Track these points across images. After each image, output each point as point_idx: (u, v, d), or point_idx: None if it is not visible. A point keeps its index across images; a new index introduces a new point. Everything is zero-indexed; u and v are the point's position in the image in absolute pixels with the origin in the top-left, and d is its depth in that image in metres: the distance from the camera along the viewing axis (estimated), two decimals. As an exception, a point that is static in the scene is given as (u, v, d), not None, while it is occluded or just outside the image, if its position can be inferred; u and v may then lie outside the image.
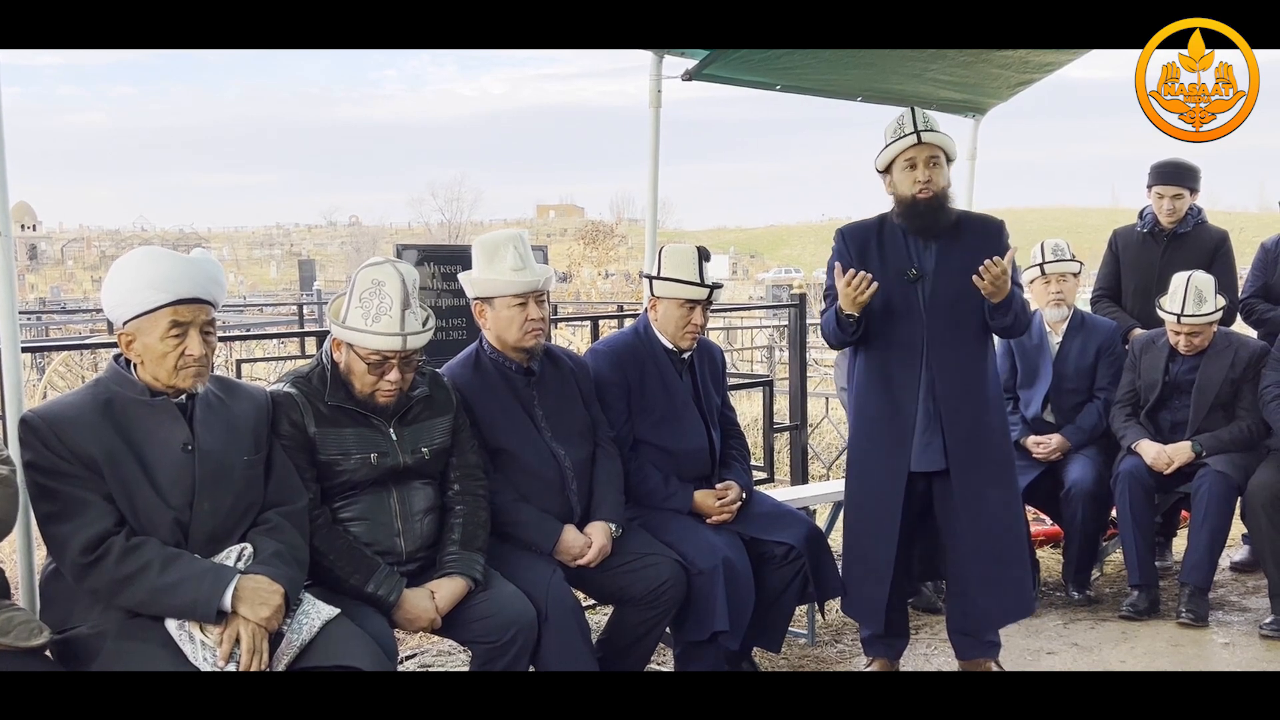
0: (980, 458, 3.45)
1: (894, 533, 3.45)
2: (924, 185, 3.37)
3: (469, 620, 2.82)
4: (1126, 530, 4.35)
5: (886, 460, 3.47)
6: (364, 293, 2.76)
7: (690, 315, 3.45)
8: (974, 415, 3.44)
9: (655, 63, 4.37)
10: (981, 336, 3.48)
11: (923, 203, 3.39)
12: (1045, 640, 4.11)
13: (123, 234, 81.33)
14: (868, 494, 3.54)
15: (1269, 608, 4.21)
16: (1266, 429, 4.30)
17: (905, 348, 3.43)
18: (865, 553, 3.52)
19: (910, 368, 3.42)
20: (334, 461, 2.78)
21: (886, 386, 3.47)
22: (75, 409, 2.40)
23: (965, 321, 3.42)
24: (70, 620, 2.39)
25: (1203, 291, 4.32)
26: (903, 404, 3.43)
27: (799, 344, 5.47)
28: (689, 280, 3.41)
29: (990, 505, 3.45)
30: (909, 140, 3.38)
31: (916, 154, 3.38)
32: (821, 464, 7.34)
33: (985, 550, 3.45)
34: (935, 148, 3.39)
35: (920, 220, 3.41)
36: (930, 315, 3.41)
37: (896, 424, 3.45)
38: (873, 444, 3.52)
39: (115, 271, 2.48)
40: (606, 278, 42.17)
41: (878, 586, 3.49)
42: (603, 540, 3.15)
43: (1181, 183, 4.85)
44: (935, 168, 3.38)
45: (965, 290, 3.33)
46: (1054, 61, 5.14)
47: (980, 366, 3.48)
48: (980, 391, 3.46)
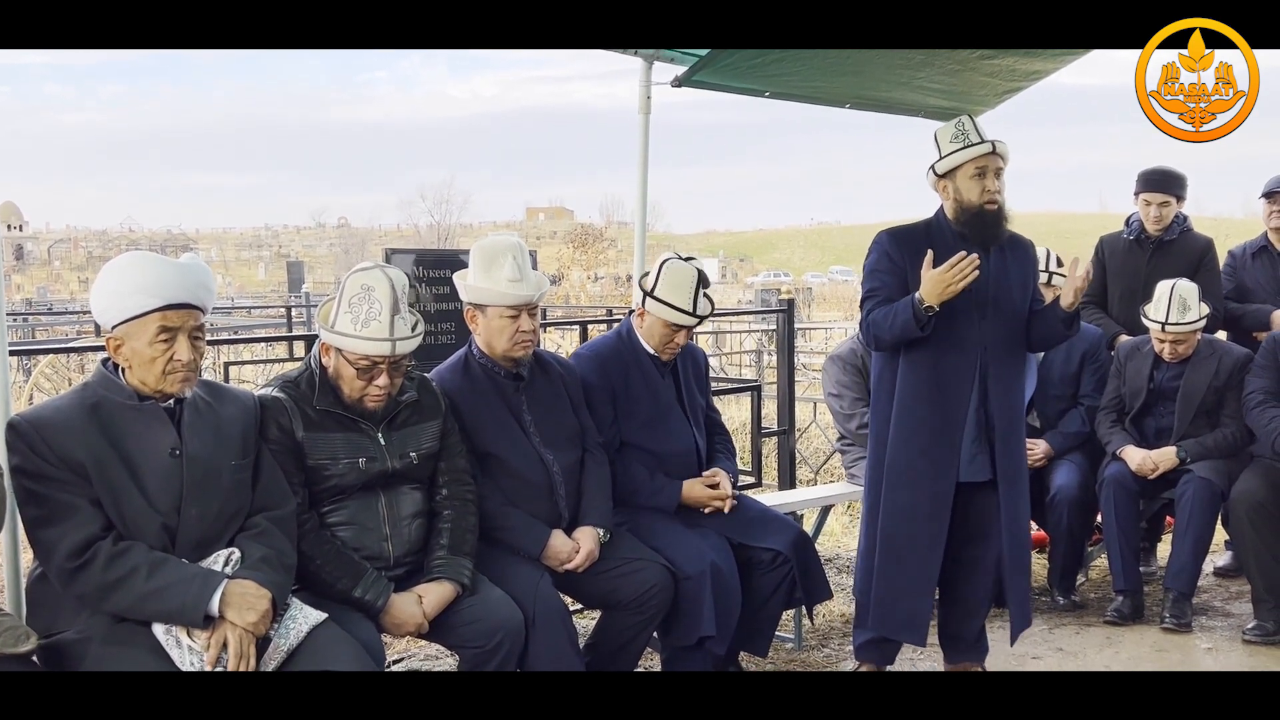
0: (1020, 470, 3.50)
1: (940, 545, 3.38)
2: (994, 195, 3.35)
3: (456, 625, 2.82)
4: (1111, 535, 4.38)
5: (935, 471, 3.37)
6: (353, 297, 2.76)
7: (675, 335, 3.47)
8: (1016, 427, 3.47)
9: (645, 69, 4.39)
10: (1025, 349, 3.54)
11: (990, 213, 3.36)
12: (1030, 645, 4.12)
13: (110, 234, 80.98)
14: (914, 505, 3.40)
15: (1251, 613, 4.24)
16: (1250, 435, 4.34)
17: (960, 355, 3.35)
18: (909, 565, 3.41)
19: (964, 377, 3.37)
20: (322, 466, 2.78)
21: (938, 394, 3.37)
22: (62, 413, 2.39)
23: (1017, 333, 3.45)
24: (57, 625, 2.38)
25: (1186, 300, 4.35)
26: (953, 413, 3.37)
27: (787, 348, 5.49)
28: (680, 308, 3.40)
29: (1023, 516, 3.52)
30: (983, 149, 3.32)
31: (989, 163, 3.34)
32: (809, 469, 7.36)
33: (1018, 560, 3.49)
34: (1003, 159, 3.38)
35: (987, 230, 3.36)
36: (987, 325, 3.38)
37: (946, 434, 3.37)
38: (921, 454, 3.39)
39: (104, 275, 2.47)
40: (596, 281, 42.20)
41: (921, 600, 3.43)
42: (590, 545, 3.16)
43: (1168, 190, 4.89)
44: (999, 178, 3.38)
45: (1018, 302, 3.41)
46: (1042, 69, 5.17)
47: (1022, 380, 3.55)
48: (1020, 404, 3.53)
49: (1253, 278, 5.01)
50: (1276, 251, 4.97)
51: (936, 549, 3.38)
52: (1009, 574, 3.49)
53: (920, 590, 3.42)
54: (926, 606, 3.45)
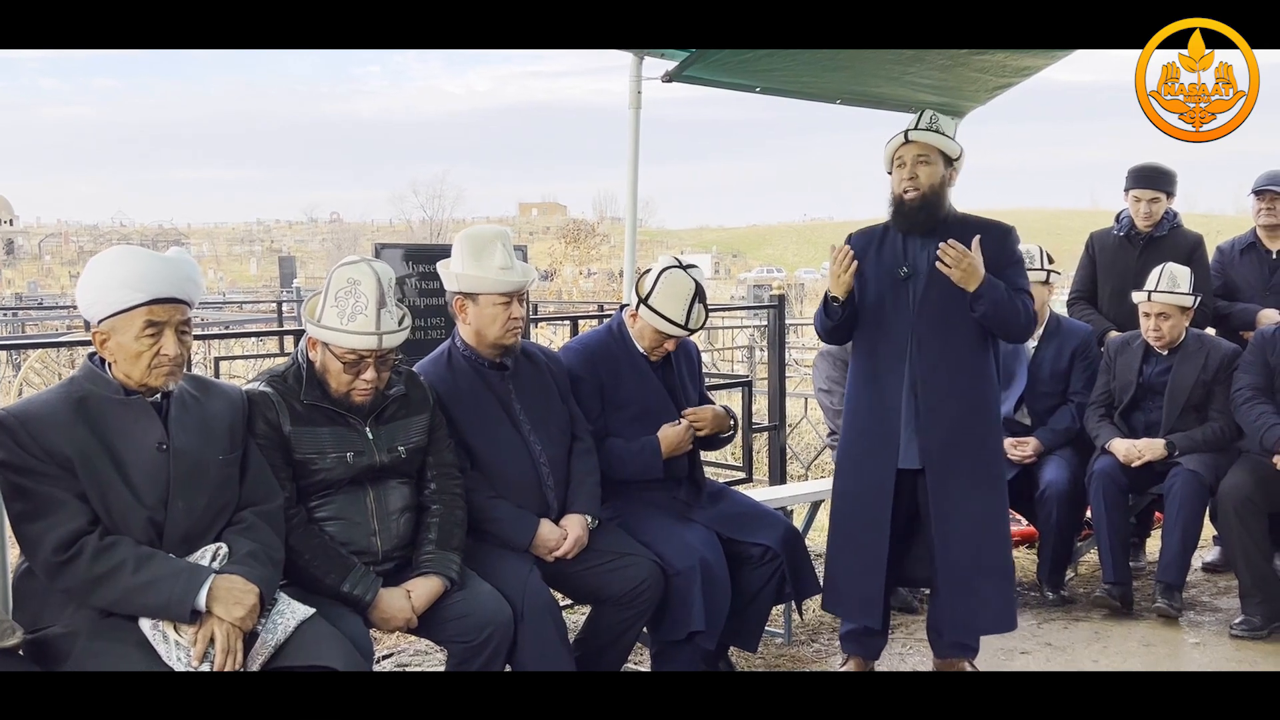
0: (960, 461, 3.43)
1: (885, 526, 3.45)
2: (908, 184, 3.41)
3: (445, 619, 2.82)
4: (1101, 528, 4.39)
5: (874, 455, 3.49)
6: (339, 292, 2.76)
7: (664, 341, 3.48)
8: (956, 417, 3.43)
9: (635, 64, 4.38)
10: (976, 338, 3.46)
11: (908, 203, 3.43)
12: (1019, 640, 4.14)
13: (101, 229, 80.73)
14: (858, 489, 3.54)
15: (1239, 608, 4.26)
16: (1238, 431, 4.35)
17: (893, 345, 3.45)
18: (857, 547, 3.51)
19: (897, 365, 3.45)
20: (309, 460, 2.77)
21: (874, 384, 3.50)
22: (49, 407, 2.38)
23: (956, 322, 3.41)
24: (43, 620, 2.37)
25: (1177, 276, 4.39)
26: (889, 400, 3.46)
27: (778, 344, 5.49)
28: (673, 320, 3.40)
29: (968, 510, 3.44)
30: (895, 140, 3.45)
31: (905, 153, 3.43)
32: (800, 464, 7.38)
33: (960, 555, 3.45)
34: (925, 146, 3.41)
35: (906, 219, 3.45)
36: (919, 314, 3.43)
37: (883, 420, 3.47)
38: (862, 439, 3.54)
39: (91, 269, 2.46)
40: (588, 276, 42.16)
41: (872, 580, 3.49)
42: (579, 532, 3.15)
43: (1158, 186, 4.90)
44: (924, 165, 3.40)
45: (959, 291, 3.34)
46: (1032, 65, 5.18)
47: (971, 368, 3.46)
48: (968, 393, 3.45)
49: (1240, 274, 5.02)
50: (1265, 248, 4.98)
51: (881, 532, 3.46)
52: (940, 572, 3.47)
53: (868, 571, 3.50)
54: (876, 588, 3.50)
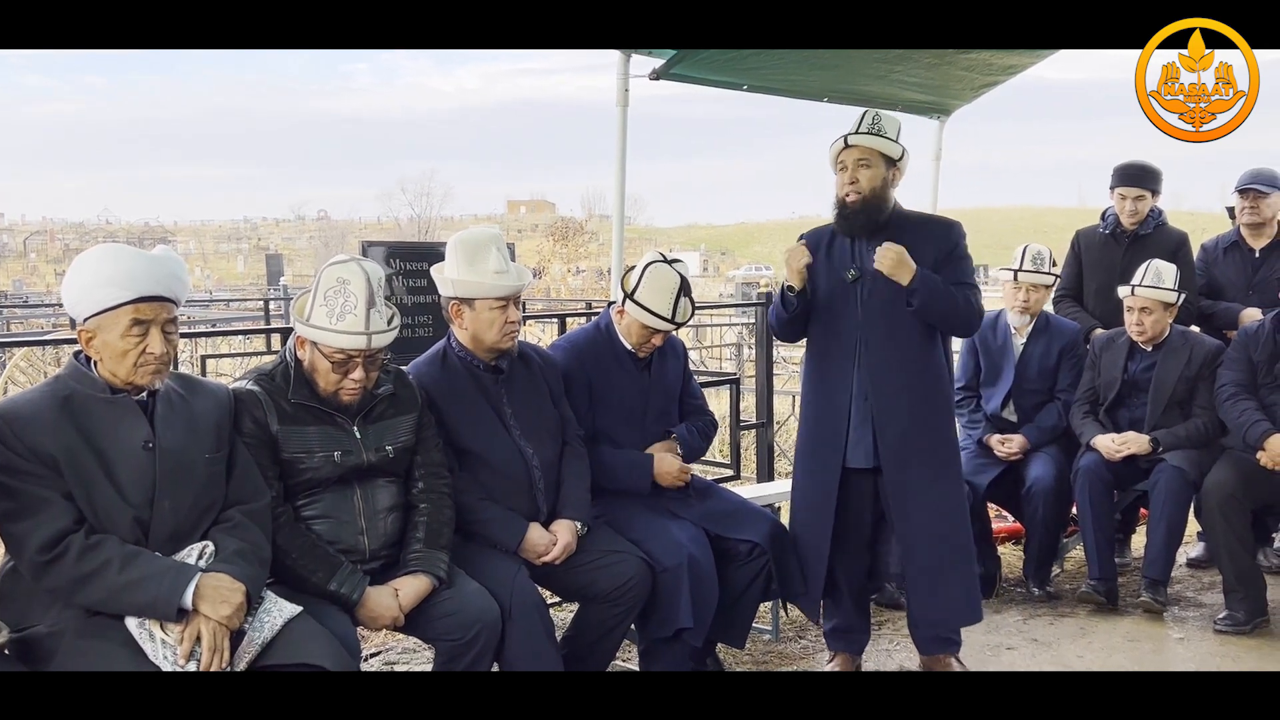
0: (916, 457, 3.47)
1: (828, 525, 3.51)
2: (850, 188, 3.43)
3: (433, 618, 2.82)
4: (1086, 524, 4.41)
5: (822, 455, 3.54)
6: (328, 291, 2.75)
7: (652, 336, 3.49)
8: (909, 414, 3.45)
9: (623, 62, 4.38)
10: (924, 336, 3.48)
11: (849, 205, 3.45)
12: (1005, 635, 4.16)
13: (87, 227, 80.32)
14: (808, 487, 3.60)
15: (1223, 603, 4.29)
16: (1222, 427, 4.37)
17: (841, 346, 3.49)
18: (804, 544, 3.58)
19: (844, 365, 3.48)
20: (297, 459, 2.77)
21: (823, 384, 3.55)
22: (33, 406, 2.37)
23: (903, 321, 3.43)
24: (28, 619, 2.36)
25: (1162, 273, 4.41)
26: (837, 401, 3.50)
27: (766, 342, 5.50)
28: (659, 314, 3.41)
29: (929, 505, 3.48)
30: (835, 145, 3.47)
31: (846, 157, 3.45)
32: (787, 461, 7.38)
33: (925, 549, 3.49)
34: (866, 150, 3.42)
35: (848, 222, 3.47)
36: (866, 314, 3.45)
37: (831, 420, 3.52)
38: (811, 439, 3.60)
39: (76, 268, 2.45)
40: (577, 274, 42.14)
41: (814, 579, 3.56)
42: (568, 538, 3.16)
43: (1143, 184, 4.92)
44: (864, 169, 3.42)
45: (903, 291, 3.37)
46: (1018, 64, 5.21)
47: (920, 366, 3.48)
48: (918, 391, 3.47)
49: (1224, 273, 5.05)
50: (1248, 246, 5.01)
51: (824, 530, 3.53)
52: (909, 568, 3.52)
53: (811, 570, 3.55)
54: (817, 587, 3.57)
